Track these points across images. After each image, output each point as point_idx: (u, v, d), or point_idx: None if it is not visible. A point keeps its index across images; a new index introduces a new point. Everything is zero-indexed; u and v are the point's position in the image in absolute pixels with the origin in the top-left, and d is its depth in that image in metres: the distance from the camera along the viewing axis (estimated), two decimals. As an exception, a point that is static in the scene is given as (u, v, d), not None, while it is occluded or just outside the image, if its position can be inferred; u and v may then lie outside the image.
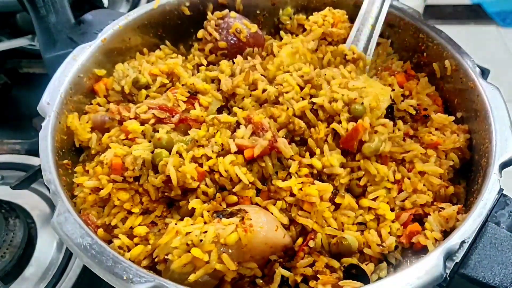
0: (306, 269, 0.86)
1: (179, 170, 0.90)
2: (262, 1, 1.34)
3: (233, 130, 0.98)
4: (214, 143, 0.95)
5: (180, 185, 0.91)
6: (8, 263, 1.16)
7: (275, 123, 1.01)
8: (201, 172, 0.92)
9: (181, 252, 0.80)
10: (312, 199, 0.89)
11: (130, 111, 1.05)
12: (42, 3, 1.30)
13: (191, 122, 1.04)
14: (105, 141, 1.02)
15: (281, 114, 1.01)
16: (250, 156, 0.92)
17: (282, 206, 0.91)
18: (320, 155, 0.98)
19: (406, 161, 1.02)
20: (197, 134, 0.98)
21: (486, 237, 0.83)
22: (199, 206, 0.90)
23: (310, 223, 0.89)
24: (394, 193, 0.98)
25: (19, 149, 1.50)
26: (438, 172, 0.99)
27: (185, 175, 0.90)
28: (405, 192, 0.98)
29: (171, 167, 0.90)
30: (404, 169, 1.01)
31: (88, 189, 0.95)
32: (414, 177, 0.99)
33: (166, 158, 0.92)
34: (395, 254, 0.91)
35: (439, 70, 1.18)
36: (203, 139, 0.97)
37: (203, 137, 0.97)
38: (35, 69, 1.86)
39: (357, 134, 0.97)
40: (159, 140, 0.95)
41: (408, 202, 0.97)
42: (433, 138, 1.04)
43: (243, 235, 0.80)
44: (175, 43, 1.33)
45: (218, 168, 0.92)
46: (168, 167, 0.90)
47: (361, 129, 0.96)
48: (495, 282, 0.79)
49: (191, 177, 0.91)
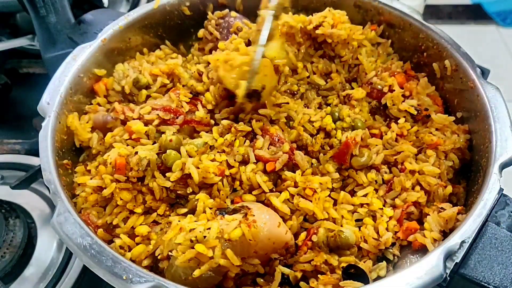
0: (306, 265, 0.86)
1: (198, 167, 0.92)
2: (262, 1, 1.34)
3: (250, 139, 1.00)
4: (236, 152, 0.97)
5: (199, 182, 0.93)
6: (8, 263, 1.16)
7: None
8: (222, 170, 0.94)
9: (185, 248, 0.80)
10: (314, 185, 0.94)
11: (134, 111, 1.05)
12: (42, 3, 1.30)
13: (195, 123, 1.05)
14: (108, 141, 1.03)
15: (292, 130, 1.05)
16: (272, 170, 0.96)
17: (285, 196, 0.94)
18: (318, 163, 1.04)
19: (398, 162, 1.03)
20: (212, 139, 1.00)
21: (486, 237, 0.84)
22: (206, 201, 0.91)
23: (311, 207, 0.92)
24: (381, 192, 1.00)
25: (19, 149, 1.50)
26: (435, 172, 1.00)
27: (207, 169, 0.92)
28: (394, 191, 0.99)
29: (191, 165, 0.92)
30: (396, 169, 1.02)
31: (90, 188, 0.95)
32: (403, 176, 1.00)
33: (184, 159, 0.93)
34: (393, 251, 0.92)
35: (439, 70, 1.18)
36: (223, 146, 0.99)
37: (222, 144, 0.99)
38: (35, 69, 1.86)
39: (348, 149, 1.00)
40: (170, 142, 0.96)
41: (398, 200, 0.98)
42: (433, 139, 1.04)
43: (247, 230, 0.81)
44: (175, 43, 1.33)
45: (239, 177, 0.95)
46: (187, 166, 0.92)
47: (350, 145, 1.00)
48: (495, 282, 0.80)
49: (213, 172, 0.93)
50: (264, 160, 0.96)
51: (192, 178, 0.92)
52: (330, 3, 1.28)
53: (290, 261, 0.89)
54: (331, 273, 0.86)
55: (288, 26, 1.12)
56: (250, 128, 1.01)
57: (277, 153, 0.97)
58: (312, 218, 0.94)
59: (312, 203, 0.93)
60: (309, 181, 0.95)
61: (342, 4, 1.27)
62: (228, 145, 0.99)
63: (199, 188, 0.95)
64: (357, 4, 1.27)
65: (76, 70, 1.11)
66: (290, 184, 0.95)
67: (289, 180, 0.96)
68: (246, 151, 0.97)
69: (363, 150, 1.02)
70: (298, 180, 0.95)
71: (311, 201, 0.93)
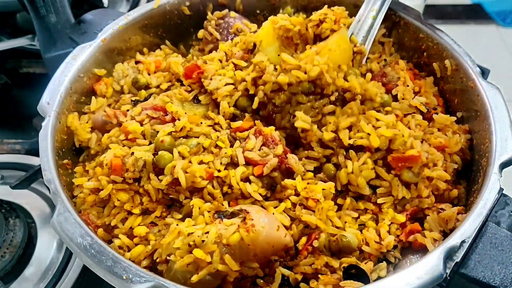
0: (306, 268, 0.86)
1: (186, 171, 0.90)
2: (262, 1, 1.35)
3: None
4: (223, 154, 0.94)
5: (188, 186, 0.91)
6: (8, 263, 1.16)
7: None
8: (210, 173, 0.92)
9: (184, 252, 0.80)
10: (317, 196, 0.90)
11: (126, 115, 1.05)
12: (42, 3, 1.30)
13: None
14: (104, 142, 1.02)
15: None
16: (260, 174, 0.92)
17: (286, 206, 0.91)
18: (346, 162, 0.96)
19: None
20: (205, 141, 0.97)
21: (486, 237, 0.83)
22: (202, 205, 0.90)
23: (313, 220, 0.89)
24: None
25: (19, 149, 1.50)
26: (445, 177, 0.98)
27: (194, 174, 0.90)
28: (408, 198, 0.96)
29: (179, 170, 0.90)
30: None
31: (87, 189, 0.95)
32: (421, 183, 0.96)
33: (175, 162, 0.91)
34: (394, 253, 0.91)
35: (439, 70, 1.18)
36: (211, 147, 0.96)
37: (209, 145, 0.96)
38: (35, 69, 1.86)
39: (412, 162, 0.94)
40: (162, 143, 0.95)
41: (409, 205, 0.96)
42: (442, 141, 1.02)
43: (245, 235, 0.80)
44: (175, 43, 1.33)
45: (229, 181, 0.92)
46: (176, 170, 0.90)
47: (418, 160, 0.94)
48: (495, 282, 0.79)
49: (200, 176, 0.90)
50: (253, 163, 0.92)
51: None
52: (330, 3, 1.27)
53: (290, 263, 0.88)
54: (331, 273, 0.86)
55: (284, 29, 1.11)
56: (246, 134, 0.98)
57: (268, 155, 0.93)
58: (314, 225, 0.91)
59: (315, 214, 0.89)
60: (312, 191, 0.90)
61: (341, 3, 1.27)
62: (215, 146, 0.96)
63: (190, 193, 0.93)
64: (356, 3, 1.27)
65: (76, 70, 1.11)
66: (291, 193, 0.92)
67: (290, 189, 0.92)
68: (235, 154, 0.93)
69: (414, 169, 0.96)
70: (299, 188, 0.91)
71: (313, 211, 0.90)
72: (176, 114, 1.01)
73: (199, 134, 0.99)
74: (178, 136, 0.98)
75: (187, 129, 0.98)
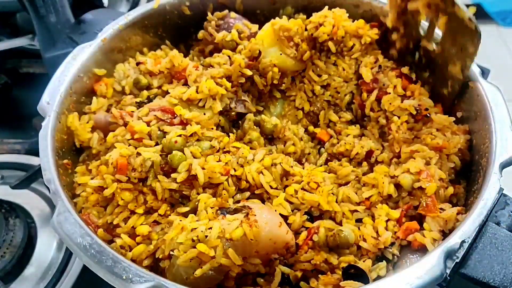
0: (306, 264, 0.87)
1: (204, 167, 0.93)
2: (262, 1, 1.34)
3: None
4: (241, 154, 0.99)
5: (204, 183, 0.93)
6: (8, 263, 1.16)
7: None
8: (228, 170, 0.95)
9: (187, 247, 0.80)
10: (318, 179, 0.97)
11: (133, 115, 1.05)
12: (42, 3, 1.31)
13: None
14: (110, 141, 1.02)
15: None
16: None
17: (290, 192, 0.95)
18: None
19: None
20: (218, 142, 1.00)
21: (486, 237, 0.84)
22: (207, 201, 0.91)
23: (316, 198, 0.93)
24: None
25: (19, 149, 1.50)
26: (440, 176, 0.99)
27: (213, 169, 0.92)
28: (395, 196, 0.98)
29: (197, 166, 0.92)
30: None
31: (91, 188, 0.95)
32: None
33: (190, 160, 0.93)
34: (392, 250, 0.91)
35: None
36: (229, 147, 1.01)
37: (228, 143, 1.02)
38: (35, 69, 1.86)
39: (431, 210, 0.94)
40: (176, 143, 0.96)
41: (401, 202, 0.98)
42: (439, 142, 1.02)
43: (248, 230, 0.81)
44: (175, 43, 1.33)
45: (245, 177, 0.96)
46: (194, 167, 0.92)
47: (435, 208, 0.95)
48: (495, 282, 0.80)
49: (219, 172, 0.93)
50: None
51: (197, 179, 0.92)
52: (330, 3, 1.27)
53: (290, 260, 0.89)
54: (331, 273, 0.86)
55: (284, 30, 1.11)
56: (248, 153, 1.01)
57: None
58: (317, 211, 0.95)
59: (317, 195, 0.94)
60: (313, 175, 0.97)
61: (342, 4, 1.27)
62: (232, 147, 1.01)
63: (203, 189, 0.95)
64: (357, 4, 1.27)
65: (76, 70, 1.11)
66: (299, 179, 0.98)
67: (298, 175, 0.99)
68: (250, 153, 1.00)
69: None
70: (303, 175, 0.98)
71: (314, 195, 0.94)
72: (184, 117, 1.02)
73: (211, 138, 1.01)
74: (187, 140, 1.00)
75: (199, 134, 1.01)
